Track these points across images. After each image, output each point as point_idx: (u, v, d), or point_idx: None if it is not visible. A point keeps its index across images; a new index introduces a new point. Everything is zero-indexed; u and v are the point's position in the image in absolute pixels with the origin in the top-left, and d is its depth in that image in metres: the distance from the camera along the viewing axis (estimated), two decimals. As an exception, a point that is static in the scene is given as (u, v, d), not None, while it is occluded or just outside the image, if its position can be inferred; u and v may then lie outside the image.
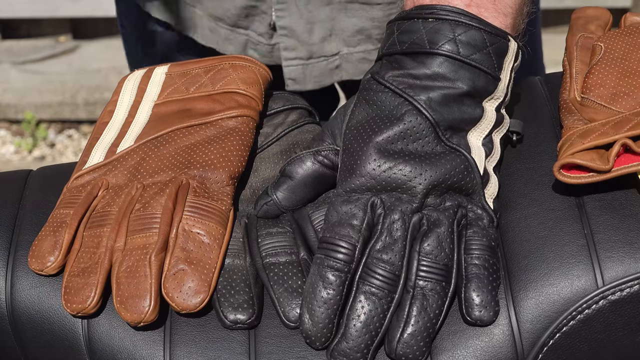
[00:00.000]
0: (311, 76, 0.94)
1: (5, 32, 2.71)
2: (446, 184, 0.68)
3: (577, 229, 0.69)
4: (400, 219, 0.67)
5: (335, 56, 0.93)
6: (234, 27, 0.94)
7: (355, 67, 0.94)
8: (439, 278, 0.66)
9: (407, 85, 0.69)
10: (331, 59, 0.93)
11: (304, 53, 0.92)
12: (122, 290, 0.67)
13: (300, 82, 0.94)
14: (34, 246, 0.71)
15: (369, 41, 0.92)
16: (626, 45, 0.79)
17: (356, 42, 0.92)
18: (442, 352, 0.66)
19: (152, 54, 1.06)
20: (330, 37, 0.91)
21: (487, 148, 0.71)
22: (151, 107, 0.80)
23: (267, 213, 0.74)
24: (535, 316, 0.66)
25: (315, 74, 0.94)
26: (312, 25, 0.90)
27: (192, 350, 0.68)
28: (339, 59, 0.93)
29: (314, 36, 0.91)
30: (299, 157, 0.74)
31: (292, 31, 0.91)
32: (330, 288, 0.65)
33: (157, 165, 0.74)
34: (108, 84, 2.49)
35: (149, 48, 1.07)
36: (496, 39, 0.69)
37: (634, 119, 0.71)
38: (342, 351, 0.65)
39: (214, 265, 0.68)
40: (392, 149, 0.68)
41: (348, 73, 0.94)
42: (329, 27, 0.90)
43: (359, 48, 0.92)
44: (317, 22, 0.90)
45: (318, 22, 0.90)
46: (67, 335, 0.70)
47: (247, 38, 0.94)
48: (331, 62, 0.93)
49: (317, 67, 0.93)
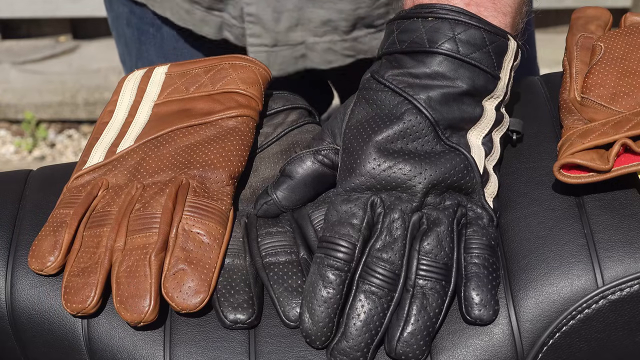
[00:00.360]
0: (275, 63, 0.95)
1: (5, 32, 2.71)
2: (446, 183, 0.68)
3: (577, 229, 0.69)
4: (400, 218, 0.67)
5: (300, 45, 0.94)
6: (209, 10, 0.95)
7: (320, 56, 0.95)
8: (438, 277, 0.66)
9: (406, 84, 0.69)
10: (296, 47, 0.94)
11: (269, 40, 0.93)
12: (122, 290, 0.67)
13: None
14: (34, 246, 0.71)
15: (335, 32, 0.93)
16: (626, 45, 0.79)
17: (322, 33, 0.93)
18: (442, 351, 0.66)
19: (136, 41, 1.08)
20: (297, 27, 0.92)
21: (487, 147, 0.71)
22: (151, 107, 0.80)
23: (267, 212, 0.74)
24: (535, 315, 0.66)
25: (279, 61, 0.95)
26: (280, 14, 0.91)
27: (192, 350, 0.68)
28: (304, 48, 0.94)
29: (280, 25, 0.92)
30: (299, 156, 0.74)
31: (259, 19, 0.92)
32: (330, 287, 0.65)
33: (157, 165, 0.74)
34: (108, 84, 2.50)
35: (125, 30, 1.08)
36: (496, 37, 0.69)
37: (634, 119, 0.71)
38: (342, 350, 0.65)
39: (214, 265, 0.68)
40: (391, 148, 0.68)
41: (313, 62, 0.95)
42: (296, 17, 0.91)
43: (325, 38, 0.93)
44: (284, 11, 0.91)
45: (285, 12, 0.91)
46: (67, 335, 0.70)
47: (222, 20, 0.95)
48: (296, 50, 0.94)
49: (280, 55, 0.94)
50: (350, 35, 0.93)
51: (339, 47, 0.94)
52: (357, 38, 0.94)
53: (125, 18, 1.07)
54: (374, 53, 0.95)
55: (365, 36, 0.94)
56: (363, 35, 0.94)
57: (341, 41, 0.93)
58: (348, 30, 0.92)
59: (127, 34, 1.08)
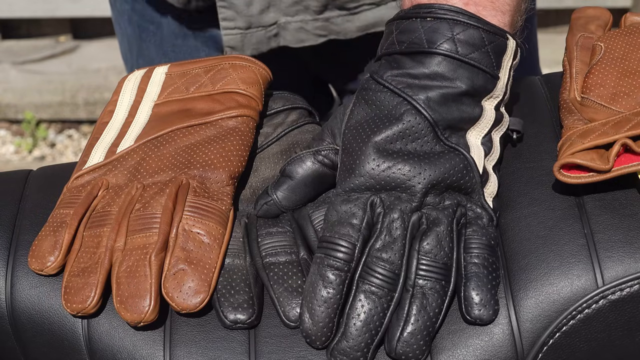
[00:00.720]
0: (250, 44, 0.97)
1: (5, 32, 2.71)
2: (445, 183, 0.68)
3: (577, 229, 0.69)
4: (400, 218, 0.67)
5: (273, 25, 0.96)
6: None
7: (292, 35, 0.97)
8: (438, 277, 0.66)
9: (405, 84, 0.69)
10: (269, 28, 0.96)
11: (242, 23, 0.95)
12: (122, 290, 0.67)
13: (239, 49, 0.97)
14: (34, 246, 0.71)
15: (307, 12, 0.94)
16: (626, 45, 0.79)
17: (294, 12, 0.94)
18: (442, 351, 0.66)
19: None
20: (269, 9, 0.94)
21: (487, 147, 0.71)
22: (151, 107, 0.80)
23: (267, 213, 0.74)
24: (535, 315, 0.66)
25: (253, 42, 0.97)
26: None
27: (192, 350, 0.68)
28: (276, 28, 0.96)
29: (252, 8, 0.94)
30: (299, 156, 0.74)
31: (232, 3, 0.94)
32: (330, 287, 0.65)
33: (157, 165, 0.74)
34: (108, 84, 2.50)
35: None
36: (495, 37, 0.69)
37: (634, 119, 0.71)
38: (342, 350, 0.65)
39: (214, 265, 0.68)
40: (391, 148, 0.68)
41: (285, 40, 0.97)
42: (267, 0, 0.92)
43: (296, 18, 0.95)
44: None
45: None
46: (67, 335, 0.70)
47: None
48: (269, 30, 0.96)
49: (255, 36, 0.96)
50: (322, 16, 0.95)
51: (310, 27, 0.96)
52: (329, 19, 0.96)
53: (127, 15, 1.07)
54: (347, 35, 0.97)
55: (337, 17, 0.96)
56: (335, 17, 0.96)
57: (312, 20, 0.95)
58: (319, 11, 0.94)
59: (128, 31, 1.09)
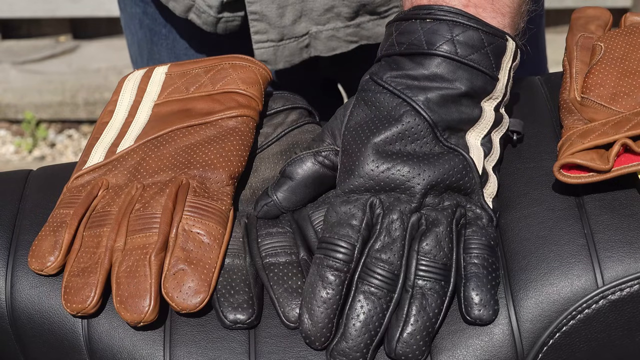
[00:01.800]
0: (282, 56, 0.95)
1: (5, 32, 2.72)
2: (444, 184, 0.68)
3: (577, 229, 0.69)
4: (399, 219, 0.67)
5: (305, 36, 0.94)
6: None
7: (324, 44, 0.96)
8: (438, 277, 0.66)
9: (405, 86, 0.69)
10: (301, 39, 0.94)
11: (275, 36, 0.93)
12: (122, 290, 0.67)
13: (272, 62, 0.96)
14: (34, 246, 0.71)
15: (338, 19, 0.93)
16: (626, 45, 0.79)
17: (325, 20, 0.93)
18: (442, 351, 0.66)
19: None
20: (300, 19, 0.93)
21: (486, 148, 0.71)
22: (151, 107, 0.80)
23: (267, 214, 0.74)
24: (535, 315, 0.66)
25: (286, 54, 0.96)
26: (284, 9, 0.91)
27: (192, 350, 0.68)
28: (308, 38, 0.95)
29: (285, 19, 0.92)
30: (299, 157, 0.74)
31: (264, 16, 0.92)
32: (330, 288, 0.65)
33: (157, 165, 0.74)
34: (108, 84, 2.50)
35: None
36: (494, 38, 0.69)
37: (634, 119, 0.71)
38: (341, 351, 0.65)
39: (214, 265, 0.68)
40: (390, 149, 0.68)
41: (317, 50, 0.96)
42: (299, 9, 0.92)
43: (327, 26, 0.94)
44: (288, 5, 0.91)
45: (289, 6, 0.92)
46: (67, 335, 0.70)
47: (192, 4, 0.95)
48: (301, 41, 0.95)
49: (287, 48, 0.95)
50: (353, 22, 0.94)
51: (341, 34, 0.95)
52: (360, 24, 0.95)
53: (138, 19, 1.07)
54: (377, 39, 0.95)
55: (368, 22, 0.95)
56: (366, 22, 0.95)
57: (344, 27, 0.94)
58: (351, 17, 0.93)
59: (139, 35, 1.08)
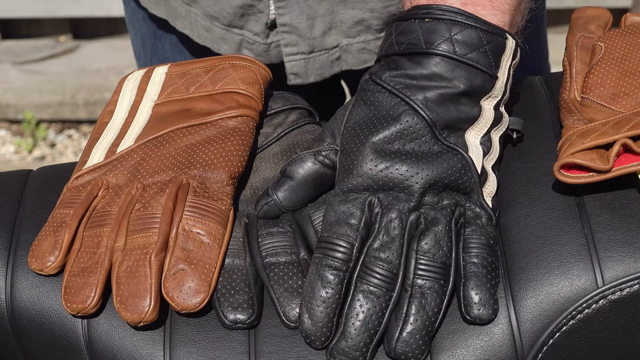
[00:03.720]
0: (313, 69, 0.95)
1: (5, 32, 2.71)
2: (443, 183, 0.68)
3: (577, 229, 0.69)
4: (398, 218, 0.67)
5: (335, 48, 0.94)
6: (229, 27, 0.94)
7: (355, 57, 0.95)
8: (437, 276, 0.66)
9: (403, 85, 0.69)
10: (332, 51, 0.94)
11: (305, 47, 0.93)
12: (122, 290, 0.67)
13: (303, 76, 0.95)
14: (34, 246, 0.71)
15: (369, 31, 0.93)
16: (626, 45, 0.79)
17: (356, 33, 0.93)
18: (441, 351, 0.66)
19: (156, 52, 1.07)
20: (330, 30, 0.92)
21: (485, 146, 0.71)
22: (151, 107, 0.80)
23: (268, 213, 0.74)
24: (535, 315, 0.67)
25: (317, 67, 0.95)
26: (313, 20, 0.91)
27: (192, 350, 0.68)
28: (338, 51, 0.94)
29: (315, 31, 0.92)
30: (299, 157, 0.74)
31: (294, 27, 0.91)
32: (329, 287, 0.65)
33: (157, 165, 0.74)
34: (108, 84, 2.50)
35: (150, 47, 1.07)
36: (493, 37, 0.69)
37: (634, 119, 0.71)
38: (341, 350, 0.65)
39: (214, 265, 0.68)
40: (388, 149, 0.69)
41: (348, 63, 0.95)
42: (329, 21, 0.91)
43: (358, 39, 0.93)
44: (317, 16, 0.91)
45: (318, 17, 0.91)
46: (67, 335, 0.70)
47: (242, 38, 0.94)
48: (332, 54, 0.94)
49: (318, 60, 0.94)
50: (383, 34, 0.93)
51: (372, 46, 0.94)
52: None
53: (141, 13, 1.06)
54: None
55: None
56: None
57: (375, 40, 0.94)
58: (381, 29, 0.93)
59: (143, 29, 1.08)
